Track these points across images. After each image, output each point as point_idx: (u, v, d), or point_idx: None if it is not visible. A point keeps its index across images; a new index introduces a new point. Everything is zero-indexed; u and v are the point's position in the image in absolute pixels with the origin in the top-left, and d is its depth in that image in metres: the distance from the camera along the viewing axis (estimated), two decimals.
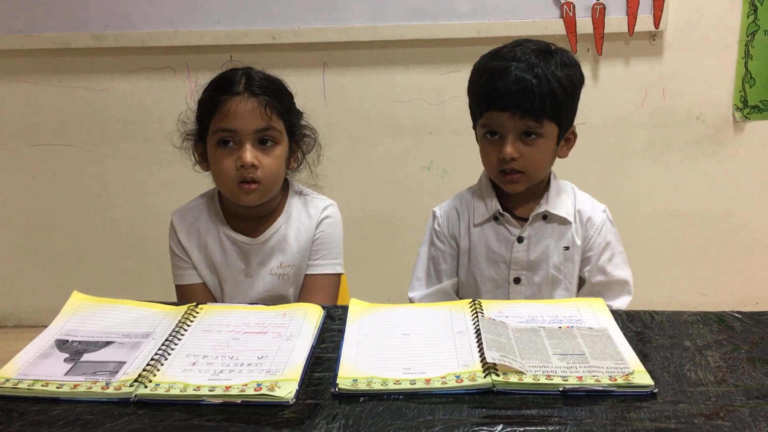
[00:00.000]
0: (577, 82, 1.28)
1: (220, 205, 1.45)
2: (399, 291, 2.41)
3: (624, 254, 1.39)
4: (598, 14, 2.17)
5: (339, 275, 1.48)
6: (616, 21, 2.19)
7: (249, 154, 1.31)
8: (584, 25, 2.19)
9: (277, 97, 1.36)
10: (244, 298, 1.43)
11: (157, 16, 2.22)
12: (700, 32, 2.25)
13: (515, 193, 1.33)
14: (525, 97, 1.22)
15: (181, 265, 1.46)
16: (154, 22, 2.22)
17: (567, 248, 1.34)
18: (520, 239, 1.34)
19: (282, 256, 1.43)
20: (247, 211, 1.42)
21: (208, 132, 1.36)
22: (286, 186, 1.48)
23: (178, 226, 1.45)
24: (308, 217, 1.45)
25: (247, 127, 1.32)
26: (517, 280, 1.35)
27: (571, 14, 2.16)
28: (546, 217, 1.34)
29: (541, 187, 1.35)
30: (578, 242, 1.34)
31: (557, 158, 1.35)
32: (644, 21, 2.19)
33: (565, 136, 1.32)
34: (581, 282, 1.39)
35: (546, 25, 2.18)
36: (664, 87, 2.30)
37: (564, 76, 1.24)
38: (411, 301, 1.44)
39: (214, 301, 1.46)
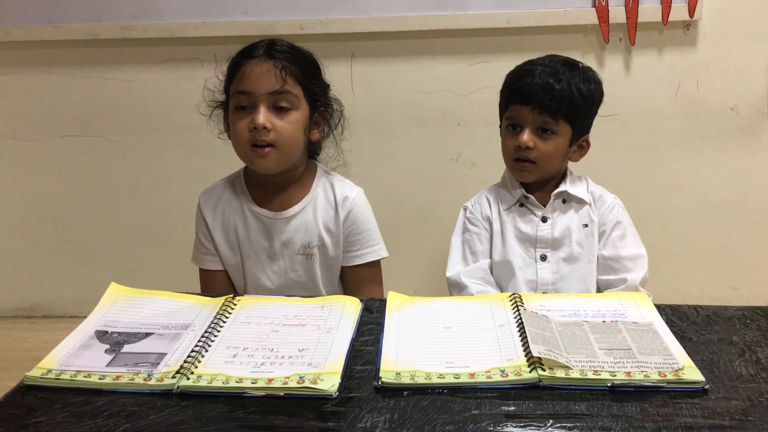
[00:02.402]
0: (597, 97, 1.43)
1: (244, 179, 1.46)
2: (425, 283, 2.42)
3: (637, 236, 1.48)
4: (632, 3, 2.13)
5: (382, 258, 1.49)
6: (649, 10, 2.14)
7: (261, 116, 1.31)
8: (617, 14, 2.14)
9: (296, 62, 1.35)
10: (270, 278, 1.43)
11: (185, 7, 2.21)
12: (735, 22, 2.20)
13: (527, 181, 1.46)
14: (546, 95, 1.37)
15: (202, 249, 1.47)
16: (182, 12, 2.21)
17: (586, 225, 1.45)
18: (544, 219, 1.45)
19: (308, 235, 1.42)
20: (270, 181, 1.41)
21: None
22: (313, 167, 1.48)
23: (204, 205, 1.47)
24: (333, 202, 1.44)
25: (261, 88, 1.31)
26: (543, 257, 1.45)
27: (603, 3, 2.13)
28: (565, 201, 1.47)
29: (557, 179, 1.48)
30: (595, 219, 1.46)
31: (573, 161, 1.49)
32: (678, 10, 2.14)
33: (579, 143, 1.45)
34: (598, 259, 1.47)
35: (578, 14, 2.15)
36: (697, 77, 2.25)
37: (584, 88, 1.39)
38: (449, 280, 1.47)
39: (233, 288, 1.46)
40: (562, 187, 1.45)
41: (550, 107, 1.37)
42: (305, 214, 1.43)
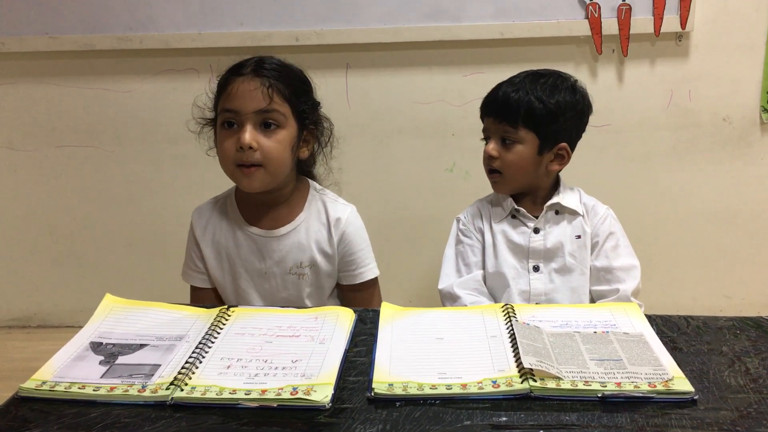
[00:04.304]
0: (565, 104, 1.41)
1: (235, 198, 1.46)
2: (420, 293, 2.42)
3: (630, 247, 1.49)
4: (624, 15, 2.15)
5: (376, 277, 1.49)
6: (642, 22, 2.16)
7: (248, 135, 1.30)
8: (610, 25, 2.16)
9: (284, 80, 1.33)
10: (261, 296, 1.43)
11: (181, 18, 2.22)
12: (726, 33, 2.22)
13: (502, 194, 1.49)
14: (503, 105, 1.42)
15: (192, 266, 1.47)
16: (178, 24, 2.23)
17: (579, 237, 1.46)
18: (536, 230, 1.47)
19: (300, 255, 1.42)
20: (260, 200, 1.40)
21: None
22: (305, 185, 1.48)
23: (195, 223, 1.46)
24: (326, 223, 1.44)
25: (247, 106, 1.30)
26: (536, 268, 1.46)
27: (596, 15, 2.15)
28: (558, 212, 1.47)
29: (548, 191, 1.49)
30: (587, 230, 1.47)
31: (553, 171, 1.47)
32: (670, 21, 2.16)
33: (557, 152, 1.44)
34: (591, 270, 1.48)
35: (570, 26, 2.16)
36: (690, 88, 2.27)
37: (548, 96, 1.40)
38: (441, 292, 1.48)
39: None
40: (554, 199, 1.47)
41: (507, 116, 1.41)
42: (297, 233, 1.42)
